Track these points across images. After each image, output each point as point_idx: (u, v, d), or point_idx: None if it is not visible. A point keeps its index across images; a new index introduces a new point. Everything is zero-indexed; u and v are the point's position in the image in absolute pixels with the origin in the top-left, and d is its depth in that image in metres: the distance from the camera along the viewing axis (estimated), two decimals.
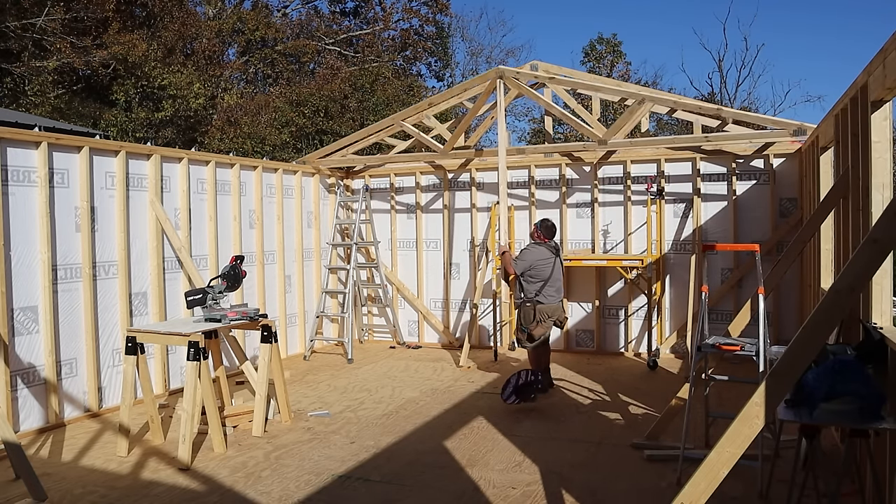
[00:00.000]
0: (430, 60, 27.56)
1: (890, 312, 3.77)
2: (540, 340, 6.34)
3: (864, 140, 3.95)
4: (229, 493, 4.24)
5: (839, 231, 4.95)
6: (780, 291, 7.64)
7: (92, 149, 6.14)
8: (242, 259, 5.72)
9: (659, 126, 24.14)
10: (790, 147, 7.67)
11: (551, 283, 6.27)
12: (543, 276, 6.23)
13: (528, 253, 6.34)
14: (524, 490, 4.20)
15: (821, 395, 2.95)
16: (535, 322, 6.23)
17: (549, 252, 6.32)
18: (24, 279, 5.50)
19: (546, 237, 6.40)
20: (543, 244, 6.37)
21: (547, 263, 6.26)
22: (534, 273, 6.24)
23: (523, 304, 6.30)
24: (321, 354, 8.95)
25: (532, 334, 6.27)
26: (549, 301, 6.26)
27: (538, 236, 6.43)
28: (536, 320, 6.23)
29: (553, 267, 6.29)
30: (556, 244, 6.49)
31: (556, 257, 6.35)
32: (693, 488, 2.78)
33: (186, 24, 19.97)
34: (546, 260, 6.27)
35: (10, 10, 16.50)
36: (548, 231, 6.41)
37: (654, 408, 5.89)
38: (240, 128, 18.96)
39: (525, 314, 6.28)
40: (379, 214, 9.78)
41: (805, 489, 3.42)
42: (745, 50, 43.28)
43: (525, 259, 6.30)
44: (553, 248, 6.40)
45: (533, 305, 6.22)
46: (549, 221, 6.48)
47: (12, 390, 5.34)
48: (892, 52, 3.27)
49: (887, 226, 2.71)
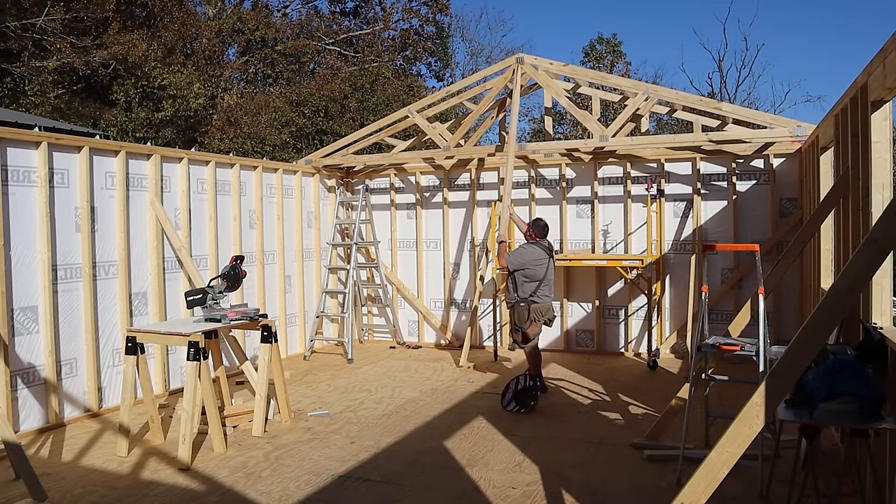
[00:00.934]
0: (430, 60, 27.58)
1: (890, 312, 3.77)
2: (535, 340, 6.37)
3: (864, 140, 3.95)
4: (229, 493, 4.24)
5: (839, 231, 4.95)
6: (780, 291, 7.64)
7: (92, 149, 6.14)
8: (242, 259, 5.72)
9: (659, 126, 24.13)
10: (790, 147, 7.67)
11: (545, 283, 6.30)
12: (538, 277, 6.26)
13: (523, 252, 6.38)
14: (524, 490, 4.20)
15: (821, 395, 2.95)
16: (529, 321, 6.25)
17: (543, 252, 6.34)
18: (24, 279, 5.50)
19: (539, 236, 6.43)
20: (537, 244, 6.40)
21: (541, 264, 6.28)
22: (528, 273, 6.27)
23: (517, 304, 6.33)
24: (321, 354, 8.95)
25: (527, 334, 6.29)
26: (544, 301, 6.29)
27: (531, 235, 6.46)
28: (531, 319, 6.25)
29: (547, 267, 6.32)
30: (549, 244, 6.51)
31: (549, 258, 6.38)
32: (693, 488, 2.78)
33: (186, 24, 19.97)
34: (540, 260, 6.29)
35: (10, 10, 16.51)
36: (540, 230, 6.44)
37: (654, 408, 5.89)
38: (240, 128, 18.97)
39: (519, 314, 6.31)
40: (379, 214, 9.79)
41: (805, 489, 3.42)
42: (745, 50, 43.38)
43: (519, 257, 6.34)
44: (546, 247, 6.42)
45: (528, 305, 6.25)
46: (542, 221, 6.51)
47: (12, 390, 5.34)
48: (892, 52, 3.27)
49: (887, 226, 2.71)
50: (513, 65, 8.38)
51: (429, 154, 8.87)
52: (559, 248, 8.68)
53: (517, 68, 8.31)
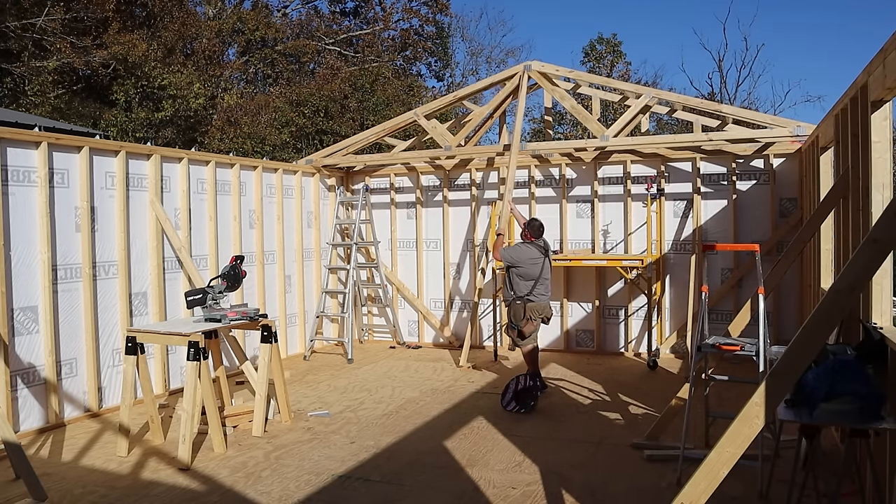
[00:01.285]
0: (430, 60, 27.59)
1: (890, 312, 3.77)
2: (531, 338, 6.42)
3: (864, 140, 3.95)
4: (229, 493, 4.24)
5: (839, 231, 4.95)
6: (780, 291, 7.64)
7: (92, 149, 6.14)
8: (242, 259, 5.72)
9: (659, 126, 24.13)
10: (790, 147, 7.67)
11: (541, 281, 6.39)
12: (533, 275, 6.34)
13: (518, 250, 6.46)
14: (524, 490, 4.20)
15: (821, 395, 2.95)
16: (525, 319, 6.31)
17: (537, 251, 6.44)
18: (24, 279, 5.50)
19: (534, 236, 6.50)
20: (532, 243, 6.48)
21: (536, 263, 6.38)
22: (522, 272, 6.35)
23: (513, 302, 6.39)
24: (321, 354, 8.95)
25: (523, 331, 6.35)
26: (540, 299, 6.37)
27: (527, 235, 6.54)
28: (527, 317, 6.32)
29: (542, 266, 6.41)
30: (544, 242, 6.59)
31: (544, 257, 6.46)
32: (693, 488, 2.78)
33: (186, 24, 19.97)
34: (535, 259, 6.39)
35: (10, 10, 16.50)
36: (535, 231, 6.53)
37: (654, 408, 5.89)
38: (240, 128, 18.97)
39: (515, 312, 6.37)
40: (379, 214, 9.78)
41: (805, 489, 3.42)
42: (745, 50, 43.36)
43: (513, 254, 6.43)
44: (541, 247, 6.50)
45: (524, 303, 6.32)
46: (537, 221, 6.60)
47: (12, 390, 5.34)
48: (892, 52, 3.27)
49: (887, 226, 2.71)
50: (520, 72, 8.46)
51: (432, 154, 8.87)
52: (559, 248, 8.69)
53: (523, 74, 8.40)
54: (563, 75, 8.53)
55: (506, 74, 8.84)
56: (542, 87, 8.59)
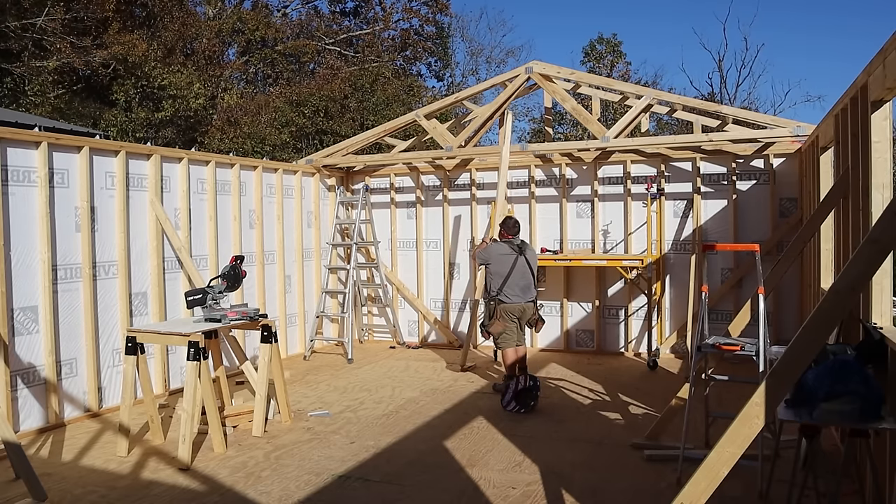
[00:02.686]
0: (430, 60, 27.61)
1: (890, 312, 3.77)
2: (506, 341, 6.24)
3: (864, 140, 3.95)
4: (229, 493, 4.24)
5: (839, 231, 4.94)
6: (780, 291, 7.64)
7: (92, 149, 6.14)
8: (242, 259, 5.72)
9: (659, 126, 24.13)
10: (790, 147, 7.67)
11: (513, 281, 6.18)
12: (502, 273, 6.20)
13: (489, 248, 6.43)
14: (524, 490, 4.20)
15: (821, 395, 2.94)
16: (494, 319, 6.20)
17: (508, 248, 6.29)
18: (24, 279, 5.50)
19: (509, 234, 6.40)
20: (506, 241, 6.37)
21: (505, 259, 6.22)
22: (493, 269, 6.27)
23: (486, 300, 6.37)
24: (321, 354, 8.95)
25: (489, 331, 6.26)
26: (512, 301, 6.18)
27: (503, 234, 6.46)
28: (496, 318, 6.19)
29: (513, 265, 6.21)
30: (520, 241, 6.42)
31: (517, 255, 6.26)
32: (693, 488, 2.78)
33: (186, 24, 19.98)
34: (505, 255, 6.24)
35: (10, 10, 16.50)
36: (510, 229, 6.41)
37: (654, 408, 5.89)
38: (240, 128, 18.97)
39: (486, 310, 6.33)
40: (379, 214, 9.78)
41: (805, 489, 3.42)
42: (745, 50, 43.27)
43: (484, 253, 6.40)
44: (515, 245, 6.33)
45: (495, 304, 6.22)
46: (512, 219, 6.48)
47: (12, 390, 5.34)
48: (892, 52, 3.27)
49: (887, 226, 2.71)
50: (522, 73, 8.41)
51: (432, 154, 8.87)
52: (559, 248, 8.69)
53: (524, 75, 8.37)
54: (565, 76, 8.51)
55: (508, 76, 8.80)
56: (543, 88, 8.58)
